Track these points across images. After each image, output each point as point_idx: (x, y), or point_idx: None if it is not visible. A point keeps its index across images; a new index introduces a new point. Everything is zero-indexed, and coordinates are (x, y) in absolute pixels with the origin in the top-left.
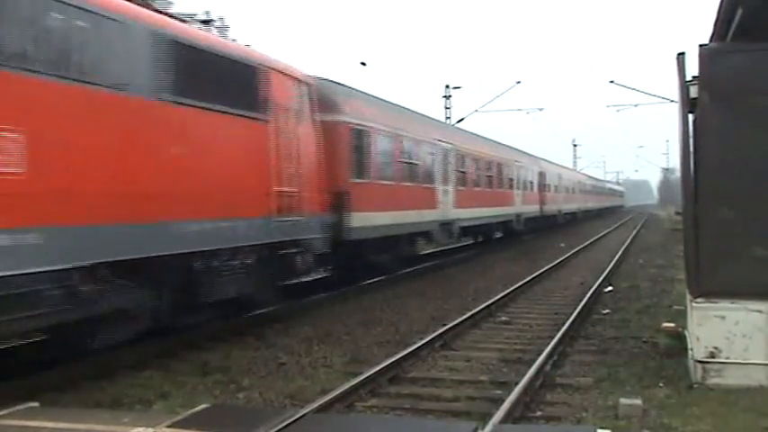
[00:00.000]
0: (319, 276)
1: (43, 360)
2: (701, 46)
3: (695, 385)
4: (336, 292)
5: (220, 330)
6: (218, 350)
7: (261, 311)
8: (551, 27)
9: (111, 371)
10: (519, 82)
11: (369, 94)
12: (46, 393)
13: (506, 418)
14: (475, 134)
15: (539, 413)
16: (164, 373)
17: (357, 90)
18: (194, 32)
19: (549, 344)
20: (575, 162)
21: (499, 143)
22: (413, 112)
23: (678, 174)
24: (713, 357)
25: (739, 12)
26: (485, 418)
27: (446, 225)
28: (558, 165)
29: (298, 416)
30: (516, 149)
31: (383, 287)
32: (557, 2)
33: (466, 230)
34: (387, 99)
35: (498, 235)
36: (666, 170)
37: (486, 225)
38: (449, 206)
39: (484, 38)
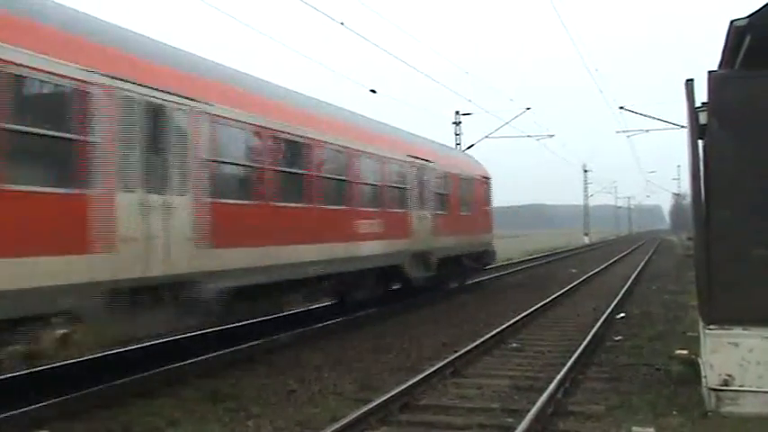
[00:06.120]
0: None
1: (52, 387)
2: (709, 72)
3: (709, 413)
4: (347, 319)
5: (231, 358)
6: (229, 378)
7: (270, 338)
8: (561, 54)
9: (121, 398)
10: (529, 108)
11: None
12: (56, 422)
13: None
14: None
15: None
16: (174, 401)
17: None
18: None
19: (560, 371)
20: (585, 188)
21: None
22: None
23: (689, 199)
24: (727, 385)
25: (747, 38)
26: None
27: None
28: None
29: None
30: None
31: (394, 314)
32: (566, 29)
33: None
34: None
35: None
36: (678, 195)
37: None
38: None
39: (494, 65)
